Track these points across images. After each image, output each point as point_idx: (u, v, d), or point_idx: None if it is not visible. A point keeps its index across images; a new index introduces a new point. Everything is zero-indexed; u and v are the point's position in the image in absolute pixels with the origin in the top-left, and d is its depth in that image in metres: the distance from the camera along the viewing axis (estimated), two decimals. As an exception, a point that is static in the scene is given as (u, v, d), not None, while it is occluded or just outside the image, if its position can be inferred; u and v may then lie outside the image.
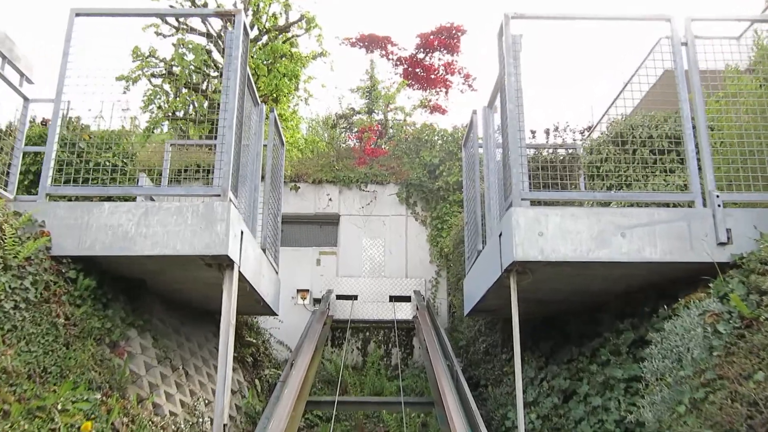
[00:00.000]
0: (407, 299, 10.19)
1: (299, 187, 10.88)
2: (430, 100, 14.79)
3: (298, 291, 10.33)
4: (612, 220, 4.59)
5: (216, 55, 16.32)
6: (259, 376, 6.95)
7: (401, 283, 10.28)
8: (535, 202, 5.07)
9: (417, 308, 9.70)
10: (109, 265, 4.78)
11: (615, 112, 12.94)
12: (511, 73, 4.92)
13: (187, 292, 5.89)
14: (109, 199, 6.39)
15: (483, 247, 6.18)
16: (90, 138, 9.84)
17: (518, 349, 4.74)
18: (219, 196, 4.65)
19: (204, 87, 15.68)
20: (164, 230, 4.51)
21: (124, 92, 14.07)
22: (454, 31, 14.27)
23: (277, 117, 6.80)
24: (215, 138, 4.88)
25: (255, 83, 15.43)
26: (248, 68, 5.36)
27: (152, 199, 7.06)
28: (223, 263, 4.73)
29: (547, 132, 9.69)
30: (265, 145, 6.84)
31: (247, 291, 5.61)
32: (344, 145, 16.68)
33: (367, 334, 9.73)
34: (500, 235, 4.99)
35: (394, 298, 10.19)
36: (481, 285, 5.82)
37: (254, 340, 7.08)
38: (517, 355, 4.73)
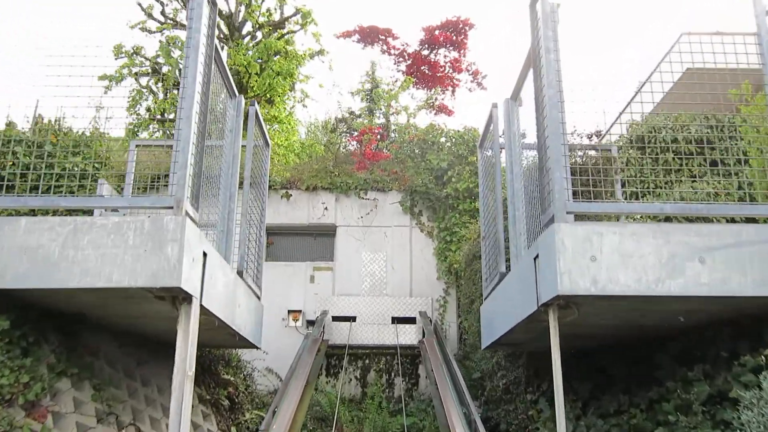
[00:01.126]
0: (412, 321, 9.08)
1: (291, 195, 9.78)
2: (435, 99, 13.67)
3: (290, 312, 9.21)
4: (685, 240, 3.50)
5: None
6: (237, 422, 5.83)
7: (405, 303, 9.17)
8: (579, 217, 3.99)
9: (423, 332, 8.59)
10: (30, 297, 3.69)
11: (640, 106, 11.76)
12: (549, 50, 3.84)
13: (143, 326, 4.79)
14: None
15: (507, 270, 5.08)
16: (57, 140, 8.80)
17: (562, 409, 3.64)
18: (171, 208, 3.57)
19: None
20: (97, 254, 3.43)
21: (105, 91, 13.06)
22: (461, 26, 13.18)
23: (258, 111, 5.72)
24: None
25: (247, 82, 14.42)
26: (218, 46, 4.29)
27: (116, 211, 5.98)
28: (178, 296, 3.64)
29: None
30: (244, 146, 5.76)
31: (216, 326, 4.52)
32: (344, 150, 15.61)
33: (367, 361, 8.61)
34: (536, 257, 3.89)
35: (396, 320, 9.08)
36: (507, 317, 4.72)
37: (232, 378, 5.97)
38: (560, 415, 3.63)
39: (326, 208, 9.76)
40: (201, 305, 3.87)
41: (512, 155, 5.26)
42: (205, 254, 3.93)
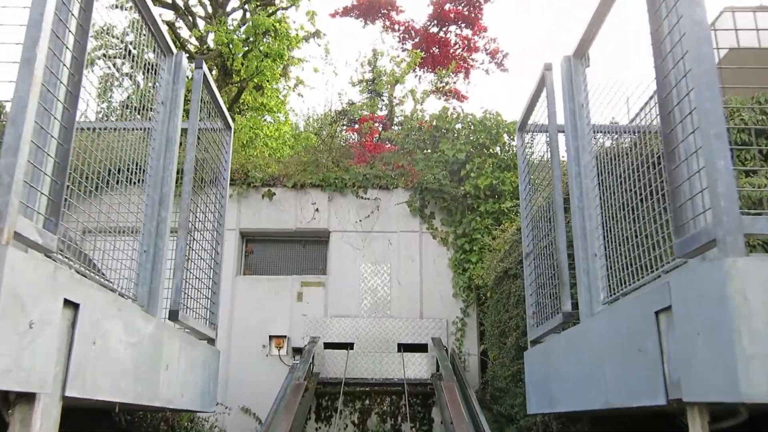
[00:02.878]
0: (423, 348, 7.39)
1: (274, 194, 8.07)
2: (447, 83, 11.90)
3: (272, 338, 7.52)
4: None
5: (184, 32, 13.61)
6: None
7: (414, 326, 7.48)
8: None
9: (437, 365, 6.90)
10: None
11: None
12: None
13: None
14: None
15: (576, 311, 3.37)
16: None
17: None
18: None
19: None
20: None
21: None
22: (475, -2, 11.44)
23: (208, 75, 4.03)
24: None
25: (231, 65, 12.71)
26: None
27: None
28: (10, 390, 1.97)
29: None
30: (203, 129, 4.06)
31: (117, 410, 2.84)
32: (343, 144, 13.93)
33: (367, 401, 6.91)
34: (660, 312, 2.19)
35: (404, 347, 7.40)
36: (584, 390, 3.01)
37: (177, 452, 4.31)
38: None
39: (317, 210, 8.05)
40: (65, 396, 2.19)
41: (579, 137, 3.54)
42: (74, 306, 2.24)
